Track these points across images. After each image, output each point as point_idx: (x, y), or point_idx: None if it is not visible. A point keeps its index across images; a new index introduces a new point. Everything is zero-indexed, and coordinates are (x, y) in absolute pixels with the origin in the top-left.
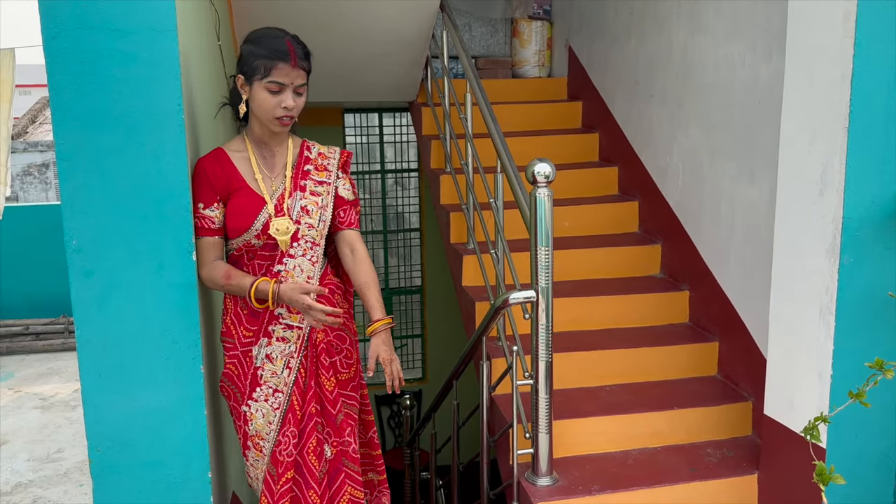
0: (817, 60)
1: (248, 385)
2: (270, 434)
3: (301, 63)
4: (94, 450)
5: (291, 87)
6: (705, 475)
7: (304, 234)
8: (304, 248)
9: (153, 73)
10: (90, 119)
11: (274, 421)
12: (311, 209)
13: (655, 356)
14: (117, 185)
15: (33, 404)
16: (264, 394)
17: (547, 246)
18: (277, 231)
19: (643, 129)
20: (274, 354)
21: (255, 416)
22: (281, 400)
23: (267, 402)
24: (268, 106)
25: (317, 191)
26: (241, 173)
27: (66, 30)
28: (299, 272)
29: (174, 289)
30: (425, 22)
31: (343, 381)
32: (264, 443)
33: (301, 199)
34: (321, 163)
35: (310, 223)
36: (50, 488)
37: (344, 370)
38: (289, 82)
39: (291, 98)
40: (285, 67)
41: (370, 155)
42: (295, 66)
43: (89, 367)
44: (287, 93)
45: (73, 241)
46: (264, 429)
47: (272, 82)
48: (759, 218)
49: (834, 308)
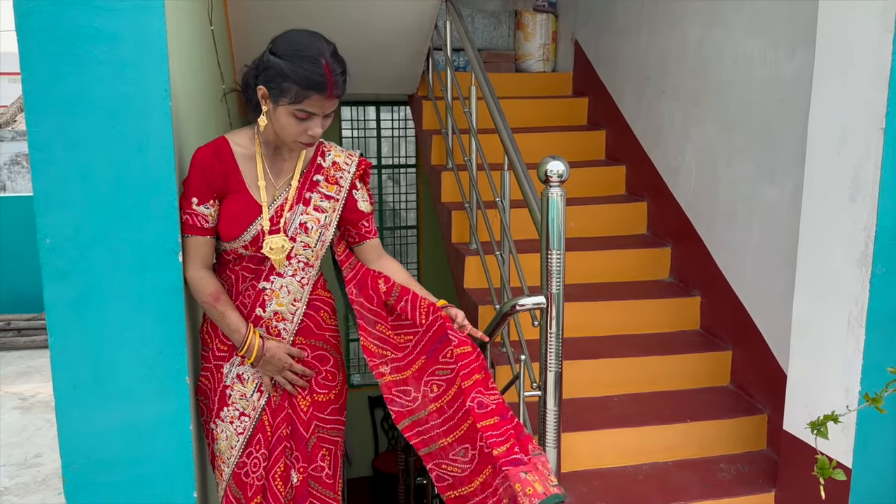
0: (852, 56)
1: (216, 402)
2: (231, 459)
3: (337, 91)
4: (69, 467)
5: (321, 115)
6: (719, 492)
7: (298, 254)
8: (294, 269)
9: (138, 54)
10: (67, 105)
11: (236, 446)
12: (311, 227)
13: (665, 365)
14: (97, 179)
15: (13, 405)
16: (230, 415)
17: (559, 249)
18: (272, 250)
19: (654, 126)
20: (245, 375)
21: (220, 437)
22: (247, 424)
23: (231, 425)
24: (292, 131)
25: (321, 206)
26: (242, 173)
27: (42, 5)
28: (286, 293)
29: (158, 293)
30: (428, 11)
31: (320, 403)
32: (224, 466)
33: (302, 213)
34: (333, 174)
35: (306, 242)
36: (27, 496)
37: (322, 391)
38: (320, 113)
39: (320, 126)
40: (320, 99)
41: (367, 150)
42: (331, 98)
43: (64, 377)
44: (316, 120)
45: (46, 240)
46: (225, 452)
47: (301, 111)
48: (779, 221)
49: (864, 320)
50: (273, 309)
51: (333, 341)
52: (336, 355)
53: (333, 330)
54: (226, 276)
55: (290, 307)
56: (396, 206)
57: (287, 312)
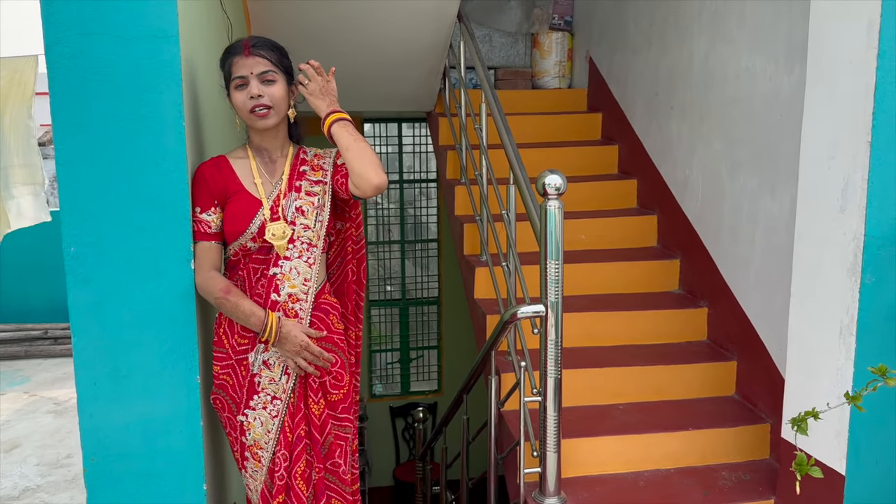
0: (840, 72)
1: (244, 394)
2: (269, 443)
3: (255, 51)
4: (89, 459)
5: (253, 76)
6: (720, 499)
7: (300, 236)
8: (300, 250)
9: (154, 79)
10: (90, 125)
11: (272, 429)
12: (307, 209)
13: (671, 374)
14: (116, 193)
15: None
16: (262, 401)
17: (557, 259)
18: (273, 236)
19: (663, 141)
20: (271, 360)
21: (254, 425)
22: (280, 407)
23: (265, 410)
24: (240, 104)
25: (312, 191)
26: (239, 178)
27: (68, 35)
28: (296, 274)
29: (172, 298)
30: (443, 32)
31: (333, 403)
32: (263, 452)
33: (296, 199)
34: (317, 163)
35: (305, 224)
36: (57, 494)
37: (334, 391)
38: (248, 72)
39: (257, 87)
40: (240, 59)
41: (389, 165)
42: (249, 55)
43: (85, 375)
44: (252, 83)
45: (71, 248)
46: (263, 437)
47: (235, 79)
48: (779, 233)
49: (855, 329)
50: (287, 291)
51: (342, 344)
52: (344, 357)
53: (341, 333)
54: (238, 276)
55: (302, 287)
56: (418, 220)
57: (300, 293)
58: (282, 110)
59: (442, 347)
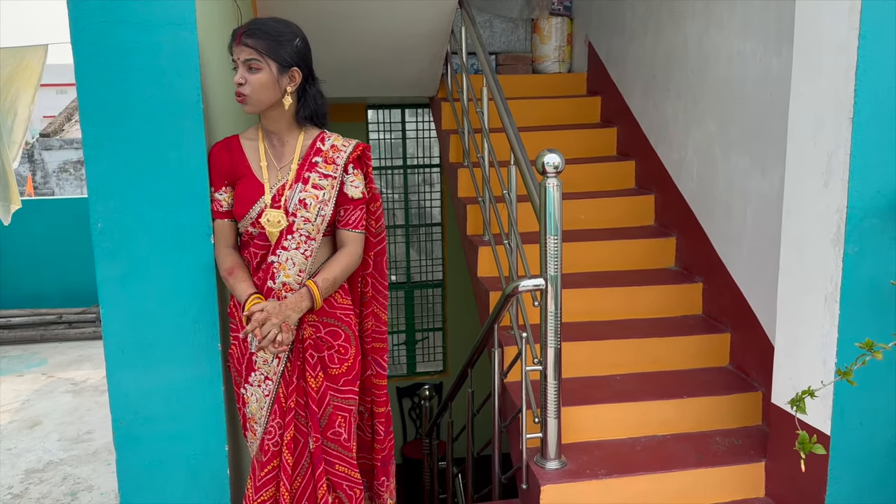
0: (823, 53)
1: (244, 368)
2: (262, 419)
3: (245, 39)
4: (118, 423)
5: (240, 62)
6: (712, 462)
7: (299, 228)
8: (297, 242)
9: (174, 65)
10: (115, 108)
11: (265, 406)
12: (310, 203)
13: (667, 346)
14: (140, 172)
15: (65, 389)
16: (257, 379)
17: (556, 235)
18: (268, 222)
19: (659, 123)
20: None
21: (250, 400)
22: (271, 387)
23: (259, 388)
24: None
25: (320, 184)
26: (248, 160)
27: (93, 23)
28: (291, 265)
29: (194, 270)
30: (444, 18)
31: (334, 376)
32: (257, 426)
33: (301, 191)
34: (331, 155)
35: (306, 217)
36: (79, 466)
37: (335, 365)
38: (237, 58)
39: (240, 74)
40: (234, 45)
41: (392, 151)
42: (238, 44)
43: (113, 343)
44: (239, 69)
45: (98, 224)
46: (257, 413)
47: (233, 61)
48: (769, 210)
49: (838, 297)
50: (282, 280)
51: (346, 319)
52: (348, 331)
53: (345, 308)
54: (245, 257)
55: (296, 278)
56: (423, 205)
57: (294, 283)
58: (263, 98)
59: (446, 329)
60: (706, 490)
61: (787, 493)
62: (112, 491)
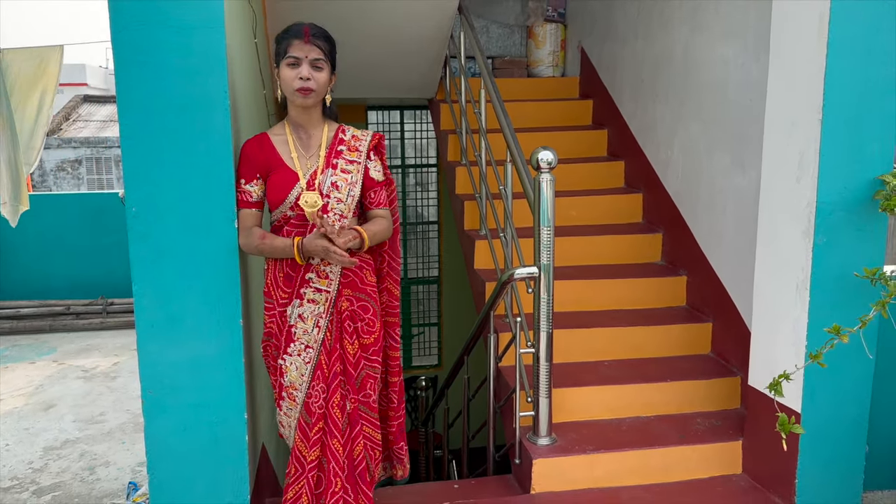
0: (796, 58)
1: (283, 341)
2: (303, 385)
3: (314, 40)
4: (147, 391)
5: (306, 60)
6: (693, 440)
7: (333, 208)
8: (332, 220)
9: (204, 63)
10: (150, 102)
11: (306, 373)
12: (341, 185)
13: (653, 335)
14: (171, 161)
15: (76, 375)
16: (297, 349)
17: (549, 227)
18: (306, 203)
19: (647, 125)
20: (305, 314)
21: (290, 369)
22: (311, 355)
23: (300, 357)
24: (288, 80)
25: (347, 169)
26: (279, 154)
27: (132, 24)
28: None
29: (219, 251)
30: (444, 23)
31: (366, 345)
32: (297, 392)
33: (332, 175)
34: (354, 144)
35: (339, 197)
36: (95, 445)
37: (366, 335)
38: (303, 56)
39: (307, 69)
40: (299, 44)
41: (391, 151)
42: (308, 42)
43: (144, 318)
44: (303, 65)
45: (132, 208)
46: (297, 380)
47: (289, 57)
48: (748, 207)
49: (808, 284)
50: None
51: (374, 295)
52: (375, 307)
53: (373, 286)
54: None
55: None
56: (420, 204)
57: None
58: (321, 94)
59: (442, 324)
60: (687, 466)
61: (761, 469)
62: (128, 467)
